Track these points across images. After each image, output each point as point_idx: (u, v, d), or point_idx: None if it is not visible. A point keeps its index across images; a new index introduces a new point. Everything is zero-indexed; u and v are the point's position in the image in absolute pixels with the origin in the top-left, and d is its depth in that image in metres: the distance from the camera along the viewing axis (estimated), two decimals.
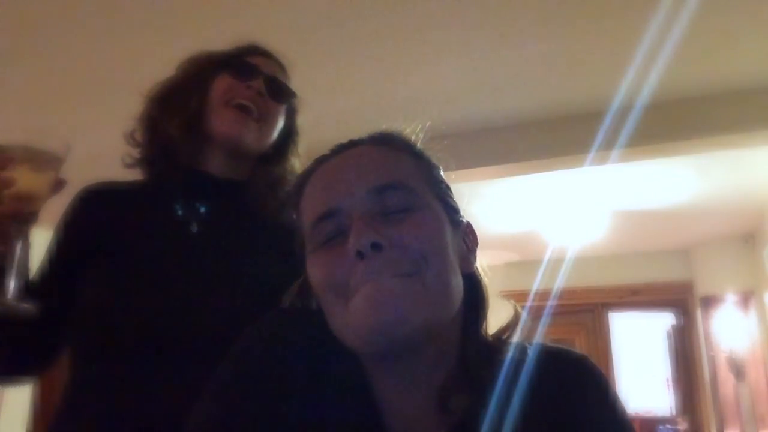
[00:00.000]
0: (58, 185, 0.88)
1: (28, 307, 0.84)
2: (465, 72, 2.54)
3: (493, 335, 0.68)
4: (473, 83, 2.64)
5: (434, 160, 0.72)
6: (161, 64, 1.13)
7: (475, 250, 0.71)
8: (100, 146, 1.08)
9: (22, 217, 0.84)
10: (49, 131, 0.84)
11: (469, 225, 0.72)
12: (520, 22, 2.20)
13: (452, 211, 0.68)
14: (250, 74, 1.07)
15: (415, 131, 0.73)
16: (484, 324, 0.68)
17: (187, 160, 1.06)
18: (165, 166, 1.06)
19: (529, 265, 5.68)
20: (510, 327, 0.68)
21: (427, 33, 2.25)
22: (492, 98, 2.78)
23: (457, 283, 0.63)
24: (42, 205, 0.86)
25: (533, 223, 4.65)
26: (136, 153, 1.09)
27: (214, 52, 1.12)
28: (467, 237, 0.71)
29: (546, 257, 5.09)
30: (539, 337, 0.67)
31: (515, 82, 2.64)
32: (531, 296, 5.42)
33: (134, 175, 1.10)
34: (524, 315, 0.70)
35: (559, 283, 4.96)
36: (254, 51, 1.12)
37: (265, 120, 1.07)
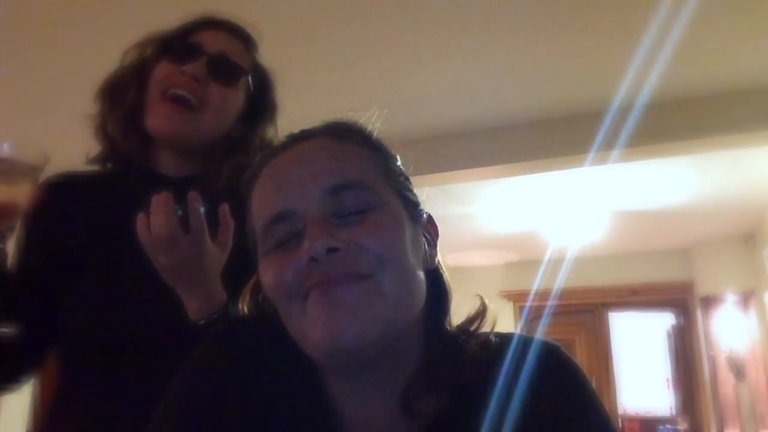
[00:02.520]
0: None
1: (6, 330, 0.79)
2: (465, 72, 2.54)
3: (459, 326, 0.65)
4: (473, 83, 2.64)
5: (391, 150, 0.67)
6: None
7: (436, 244, 0.67)
8: (73, 150, 1.02)
9: None
10: (23, 137, 0.78)
11: (429, 218, 0.68)
12: (520, 23, 2.20)
13: (411, 205, 0.64)
14: (189, 56, 0.94)
15: (370, 121, 0.68)
16: (448, 318, 0.66)
17: (136, 158, 0.97)
18: (118, 166, 0.98)
19: (529, 265, 5.68)
20: (476, 319, 0.65)
21: (427, 33, 2.26)
22: (492, 98, 2.78)
23: (418, 283, 0.60)
24: (19, 218, 0.80)
25: (533, 223, 4.65)
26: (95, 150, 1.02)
27: (159, 33, 1.00)
28: (428, 231, 0.67)
29: (546, 257, 5.08)
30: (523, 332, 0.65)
31: (515, 82, 2.64)
32: (531, 296, 5.43)
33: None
34: (490, 307, 0.66)
35: (559, 283, 4.96)
36: (203, 24, 0.99)
37: (206, 108, 0.94)
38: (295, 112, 1.08)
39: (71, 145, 0.97)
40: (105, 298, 0.89)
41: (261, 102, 1.05)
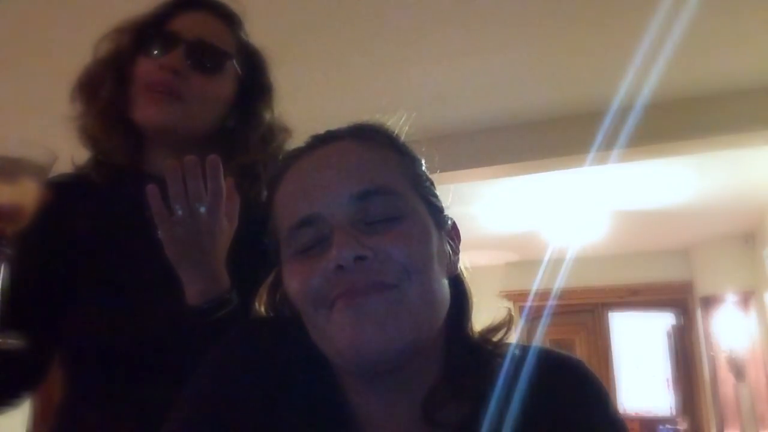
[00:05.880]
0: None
1: (15, 342, 0.74)
2: (465, 72, 2.54)
3: (481, 333, 0.65)
4: (473, 83, 2.64)
5: (417, 154, 0.66)
6: None
7: (459, 251, 0.67)
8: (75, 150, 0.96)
9: (2, 239, 0.72)
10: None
11: (454, 225, 0.67)
12: (520, 23, 2.20)
13: (437, 211, 0.64)
14: (165, 48, 0.89)
15: (397, 123, 0.67)
16: (470, 325, 0.65)
17: (124, 158, 0.92)
18: (109, 171, 0.92)
19: (529, 265, 5.68)
20: (499, 328, 0.65)
21: (427, 33, 2.25)
22: (492, 98, 2.78)
23: (443, 291, 0.60)
24: (26, 221, 0.74)
25: (533, 223, 4.65)
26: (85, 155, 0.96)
27: (131, 20, 0.94)
28: (452, 238, 0.66)
29: (546, 257, 5.08)
30: (538, 339, 0.65)
31: (515, 82, 2.64)
32: (531, 296, 5.43)
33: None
34: (520, 319, 0.66)
35: (559, 283, 4.96)
36: (179, 7, 0.93)
37: (188, 99, 0.89)
38: (294, 112, 1.06)
39: (71, 144, 0.94)
40: (112, 301, 0.87)
41: (253, 85, 0.98)
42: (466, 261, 0.68)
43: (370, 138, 0.64)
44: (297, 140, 0.93)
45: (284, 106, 1.05)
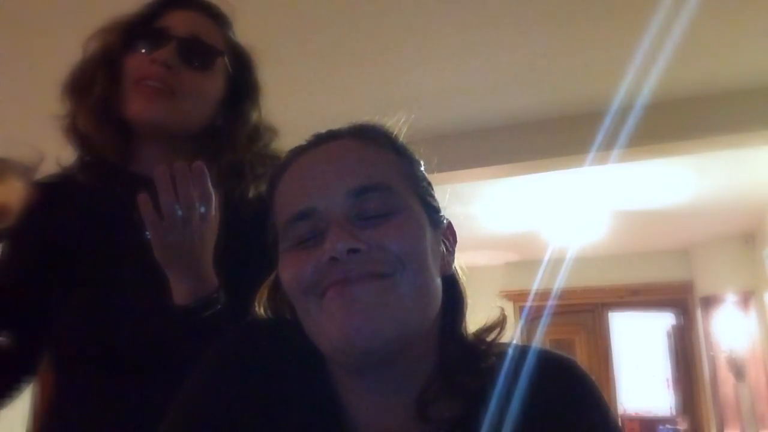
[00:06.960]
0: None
1: (1, 340, 0.75)
2: (465, 72, 2.54)
3: (474, 334, 0.65)
4: (473, 83, 2.64)
5: (416, 155, 0.68)
6: None
7: (454, 251, 0.68)
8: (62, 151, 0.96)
9: None
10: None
11: (449, 225, 0.69)
12: (520, 23, 2.20)
13: (433, 211, 0.65)
14: (157, 43, 0.89)
15: (397, 125, 0.69)
16: (464, 324, 0.66)
17: (116, 160, 0.92)
18: (98, 170, 0.92)
19: (529, 265, 5.69)
20: (493, 329, 0.65)
21: (426, 33, 2.26)
22: (492, 98, 2.78)
23: (435, 287, 0.60)
24: (11, 220, 0.75)
25: (533, 223, 4.65)
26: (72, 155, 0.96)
27: (121, 18, 0.94)
28: (447, 238, 0.67)
29: (546, 257, 5.09)
30: (537, 339, 0.65)
31: (515, 82, 2.64)
32: (531, 296, 5.44)
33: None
34: (519, 319, 0.66)
35: (559, 283, 4.96)
36: (169, 5, 0.93)
37: (179, 94, 0.89)
38: (296, 111, 1.05)
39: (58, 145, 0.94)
40: (100, 302, 0.87)
41: (242, 83, 0.99)
42: (464, 261, 0.68)
43: (370, 137, 0.65)
44: (296, 139, 0.97)
45: (283, 104, 1.06)
